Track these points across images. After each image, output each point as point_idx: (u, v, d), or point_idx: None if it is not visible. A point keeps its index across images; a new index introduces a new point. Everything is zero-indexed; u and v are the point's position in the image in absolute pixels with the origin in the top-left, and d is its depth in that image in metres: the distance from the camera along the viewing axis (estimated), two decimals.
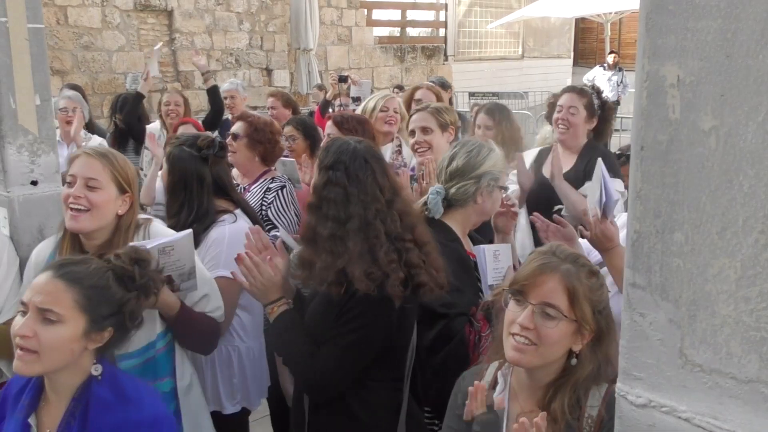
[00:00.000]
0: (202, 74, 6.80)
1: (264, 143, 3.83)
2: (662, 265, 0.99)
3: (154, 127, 5.88)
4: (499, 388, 1.80)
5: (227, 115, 6.54)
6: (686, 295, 0.97)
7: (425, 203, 2.65)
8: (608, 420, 1.63)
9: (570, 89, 3.87)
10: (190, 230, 2.33)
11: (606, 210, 2.34)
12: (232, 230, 2.78)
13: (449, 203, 2.63)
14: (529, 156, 3.95)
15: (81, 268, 1.83)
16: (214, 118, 6.34)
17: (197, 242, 2.63)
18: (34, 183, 2.56)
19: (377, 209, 2.14)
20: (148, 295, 1.96)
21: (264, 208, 3.62)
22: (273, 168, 3.92)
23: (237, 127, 3.88)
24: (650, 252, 1.00)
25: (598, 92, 3.83)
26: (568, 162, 3.71)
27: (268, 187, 3.75)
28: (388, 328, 2.14)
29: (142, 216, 2.46)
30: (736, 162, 0.90)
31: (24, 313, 1.75)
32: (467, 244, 2.67)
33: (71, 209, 2.23)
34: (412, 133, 3.65)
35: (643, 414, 1.03)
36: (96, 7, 10.66)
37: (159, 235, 2.37)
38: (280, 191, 3.71)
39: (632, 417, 1.04)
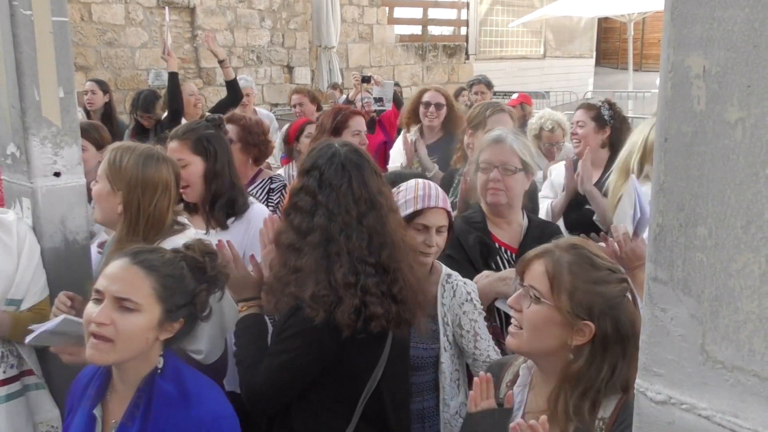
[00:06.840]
0: (220, 62, 6.18)
1: (258, 145, 3.76)
2: (685, 260, 0.97)
3: None
4: (520, 380, 1.79)
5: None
6: (709, 290, 0.95)
7: None
8: (619, 425, 1.60)
9: (580, 106, 4.10)
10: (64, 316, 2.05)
11: (639, 227, 2.29)
12: (263, 207, 2.80)
13: None
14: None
15: (156, 256, 1.81)
16: (226, 109, 5.89)
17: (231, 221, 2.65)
18: (57, 174, 2.58)
19: (344, 222, 1.97)
20: (217, 288, 1.94)
21: (271, 209, 3.55)
22: (264, 167, 3.87)
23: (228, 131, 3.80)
24: (673, 246, 0.98)
25: (611, 104, 3.99)
26: (593, 177, 3.85)
27: (270, 188, 3.71)
28: (325, 356, 1.98)
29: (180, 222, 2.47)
30: (763, 155, 0.88)
31: (98, 300, 1.73)
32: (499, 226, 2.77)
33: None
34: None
35: (662, 411, 1.01)
36: (120, 4, 10.76)
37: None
38: (284, 190, 3.68)
39: (651, 414, 1.03)
